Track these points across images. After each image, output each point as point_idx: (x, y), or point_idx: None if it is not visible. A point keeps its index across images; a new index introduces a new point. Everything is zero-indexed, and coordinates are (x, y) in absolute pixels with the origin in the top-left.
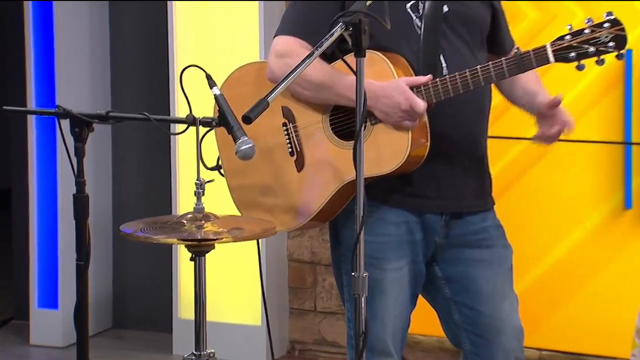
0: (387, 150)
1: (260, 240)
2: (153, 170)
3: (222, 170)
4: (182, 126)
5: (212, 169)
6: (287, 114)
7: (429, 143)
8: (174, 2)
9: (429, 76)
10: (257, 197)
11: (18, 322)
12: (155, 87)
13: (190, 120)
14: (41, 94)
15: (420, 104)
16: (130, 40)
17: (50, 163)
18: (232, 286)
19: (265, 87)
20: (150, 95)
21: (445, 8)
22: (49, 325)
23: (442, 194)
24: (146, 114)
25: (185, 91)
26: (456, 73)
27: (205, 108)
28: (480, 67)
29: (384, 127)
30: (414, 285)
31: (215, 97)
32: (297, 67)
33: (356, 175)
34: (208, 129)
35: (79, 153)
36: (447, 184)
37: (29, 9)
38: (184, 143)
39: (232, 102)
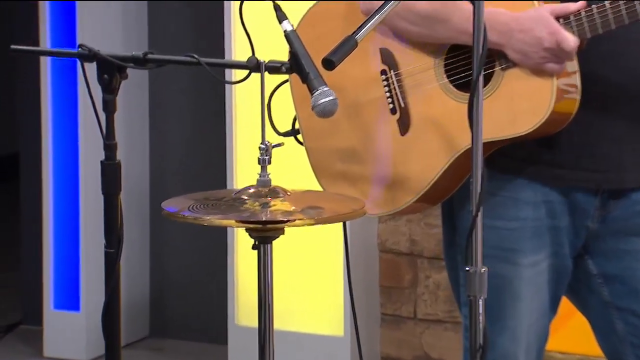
0: (523, 104)
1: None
2: (203, 131)
3: (299, 136)
4: (242, 74)
5: (285, 134)
6: (388, 59)
7: (579, 94)
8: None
9: (582, 2)
10: (345, 169)
11: (27, 327)
12: (206, 22)
13: (253, 65)
14: (58, 30)
15: (570, 40)
16: None
17: (70, 121)
18: (305, 284)
19: (357, 24)
20: (200, 34)
21: None
22: (69, 332)
23: (597, 164)
24: (195, 56)
25: (247, 27)
26: None
27: (273, 52)
28: None
29: (520, 73)
30: (555, 285)
31: (286, 34)
32: None
33: (472, 138)
34: (279, 82)
35: (109, 107)
36: (604, 150)
37: None
38: (243, 95)
39: (312, 46)
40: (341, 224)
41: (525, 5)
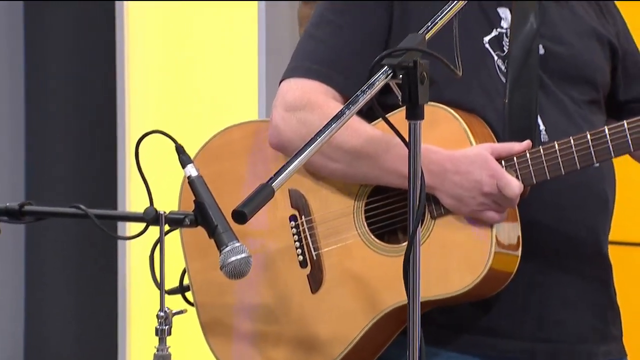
0: (457, 259)
1: None
2: (89, 297)
3: (188, 295)
4: (137, 228)
5: (171, 291)
6: (298, 202)
7: (520, 250)
8: (124, 1)
9: (527, 142)
10: (243, 333)
11: None
12: (95, 166)
13: (151, 217)
14: None
15: (514, 185)
16: (54, 86)
17: None
18: None
19: (265, 161)
20: (88, 181)
21: (542, 50)
22: None
23: (543, 333)
24: (82, 207)
25: (144, 172)
26: (570, 138)
27: (171, 199)
28: (610, 129)
29: (453, 221)
30: None
31: (191, 180)
32: (320, 132)
33: (408, 304)
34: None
35: None
36: (550, 316)
37: None
38: (139, 252)
39: (212, 185)
40: None
41: (462, 143)
